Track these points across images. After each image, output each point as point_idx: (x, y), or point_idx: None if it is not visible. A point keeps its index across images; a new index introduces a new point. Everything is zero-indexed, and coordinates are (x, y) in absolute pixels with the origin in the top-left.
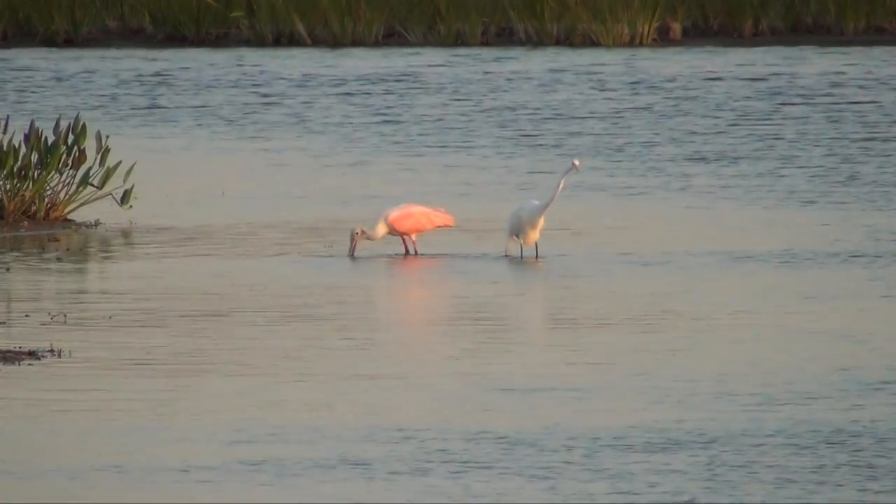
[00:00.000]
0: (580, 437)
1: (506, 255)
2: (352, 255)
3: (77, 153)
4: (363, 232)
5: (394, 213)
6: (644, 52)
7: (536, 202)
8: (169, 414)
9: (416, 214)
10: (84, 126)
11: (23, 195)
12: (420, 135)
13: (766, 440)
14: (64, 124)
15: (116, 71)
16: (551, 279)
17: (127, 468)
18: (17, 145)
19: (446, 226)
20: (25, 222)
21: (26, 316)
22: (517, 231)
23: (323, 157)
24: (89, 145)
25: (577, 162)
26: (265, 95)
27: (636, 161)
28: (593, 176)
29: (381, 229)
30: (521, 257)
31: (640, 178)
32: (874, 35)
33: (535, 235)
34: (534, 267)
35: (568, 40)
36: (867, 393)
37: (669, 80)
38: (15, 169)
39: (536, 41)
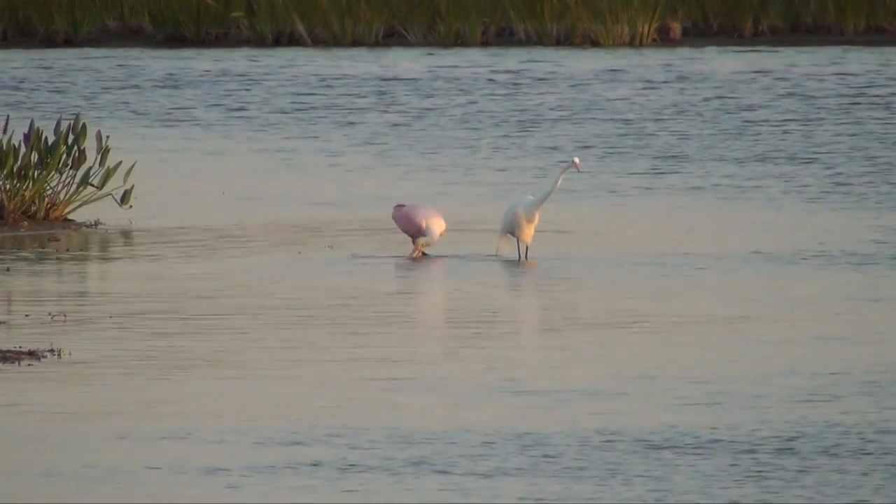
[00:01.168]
0: (597, 438)
1: (497, 256)
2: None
3: (77, 153)
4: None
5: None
6: (645, 52)
7: (531, 197)
8: (170, 414)
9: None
10: (84, 126)
11: (23, 195)
12: (423, 135)
13: (784, 443)
14: (64, 124)
15: (116, 71)
16: (553, 281)
17: (128, 469)
18: (17, 145)
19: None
20: (25, 222)
21: (26, 316)
22: (512, 228)
23: (323, 158)
24: (89, 145)
25: (577, 160)
26: (265, 95)
27: (637, 162)
28: (595, 176)
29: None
30: (518, 256)
31: (641, 178)
32: (874, 35)
33: (530, 231)
34: (533, 268)
35: (568, 40)
36: (883, 395)
37: (670, 81)
38: (15, 169)
39: (536, 41)
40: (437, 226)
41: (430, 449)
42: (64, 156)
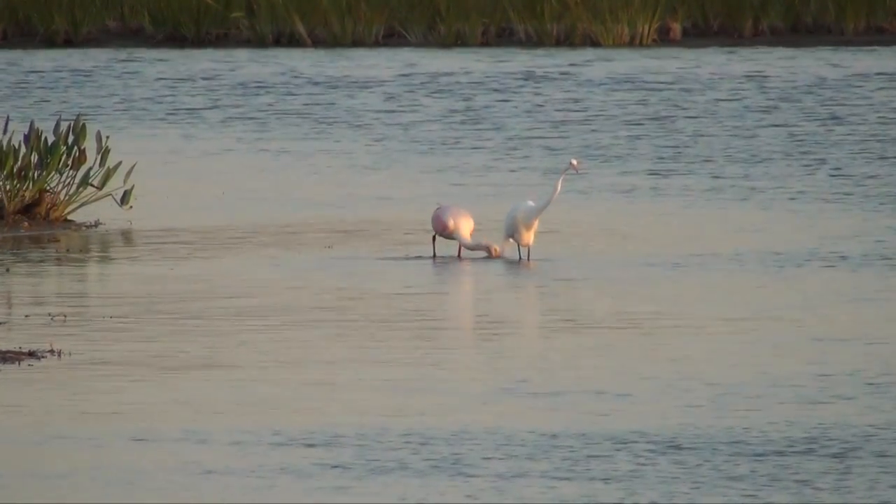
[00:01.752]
0: (613, 439)
1: (502, 257)
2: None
3: (77, 153)
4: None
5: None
6: (644, 52)
7: (531, 203)
8: (170, 415)
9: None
10: (84, 126)
11: (23, 195)
12: (425, 136)
13: (786, 444)
14: (64, 124)
15: (116, 71)
16: (558, 282)
17: (129, 469)
18: (17, 145)
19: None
20: (25, 222)
21: (26, 316)
22: (512, 232)
23: (324, 158)
24: (89, 146)
25: (575, 161)
26: (265, 96)
27: (643, 163)
28: (601, 178)
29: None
30: (520, 257)
31: (642, 179)
32: (874, 35)
33: (529, 237)
34: (536, 269)
35: (568, 40)
36: (880, 396)
37: (669, 80)
38: (15, 169)
39: (536, 41)
40: (465, 226)
41: (446, 451)
42: (64, 156)
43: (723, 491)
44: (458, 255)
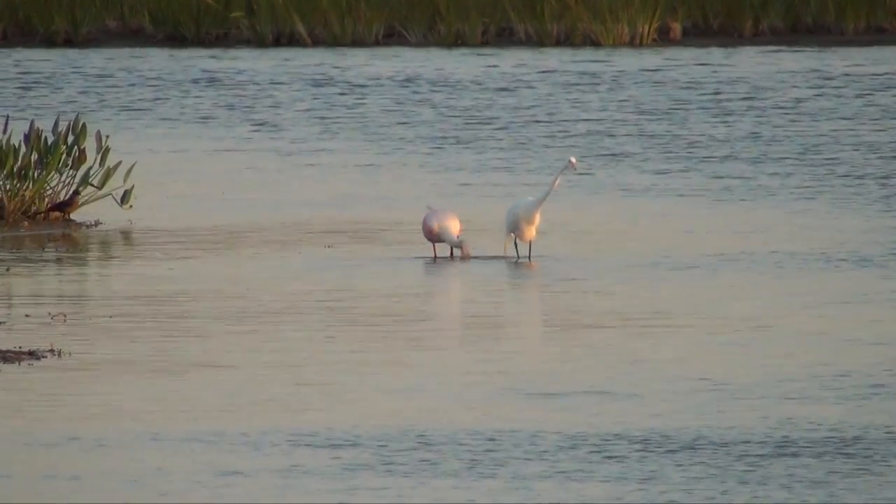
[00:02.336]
0: (621, 439)
1: (505, 255)
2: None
3: (77, 153)
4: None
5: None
6: (645, 52)
7: (531, 198)
8: (174, 415)
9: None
10: (84, 126)
11: (23, 195)
12: (425, 136)
13: (803, 444)
14: (64, 124)
15: (117, 71)
16: (557, 282)
17: (129, 470)
18: (17, 145)
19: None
20: (25, 222)
21: (26, 316)
22: (514, 228)
23: (324, 158)
24: (89, 145)
25: (573, 160)
26: (264, 96)
27: (645, 163)
28: (597, 176)
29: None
30: (517, 256)
31: (644, 178)
32: (874, 35)
33: (531, 232)
34: (535, 269)
35: (568, 40)
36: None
37: (668, 80)
38: (15, 169)
39: (536, 41)
40: (452, 227)
41: (464, 451)
42: (64, 156)
43: (742, 491)
44: (451, 256)
